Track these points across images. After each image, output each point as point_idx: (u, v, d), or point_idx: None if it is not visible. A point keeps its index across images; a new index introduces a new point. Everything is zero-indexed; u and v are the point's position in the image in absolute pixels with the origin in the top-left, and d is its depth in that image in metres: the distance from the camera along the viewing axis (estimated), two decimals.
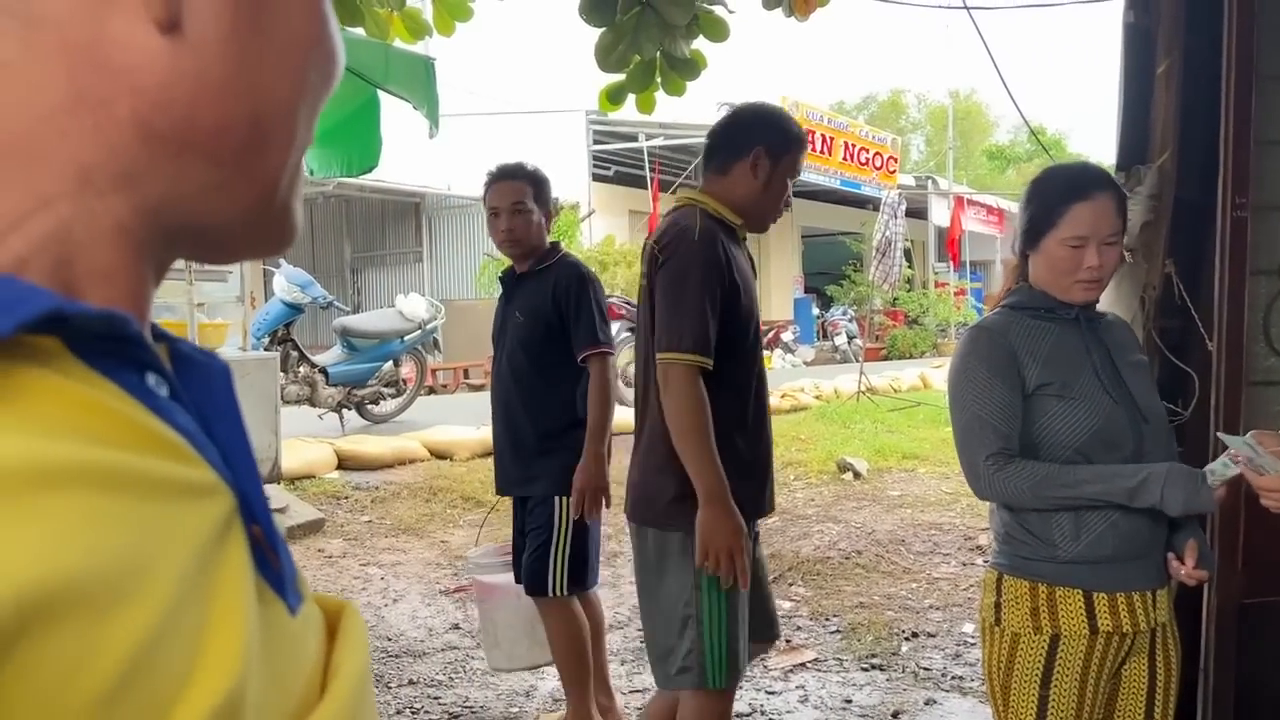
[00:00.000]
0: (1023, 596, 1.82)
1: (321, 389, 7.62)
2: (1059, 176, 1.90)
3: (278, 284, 7.66)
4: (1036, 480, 1.75)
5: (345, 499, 5.85)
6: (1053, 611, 1.79)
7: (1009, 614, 1.83)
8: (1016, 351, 1.82)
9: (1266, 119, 2.47)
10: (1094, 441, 1.77)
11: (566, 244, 14.27)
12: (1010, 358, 1.82)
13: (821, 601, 4.42)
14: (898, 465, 7.07)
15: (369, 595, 4.44)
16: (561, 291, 3.03)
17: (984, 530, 5.34)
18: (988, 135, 45.88)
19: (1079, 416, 1.78)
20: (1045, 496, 1.76)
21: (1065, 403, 1.79)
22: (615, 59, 4.53)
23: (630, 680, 3.64)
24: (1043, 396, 1.80)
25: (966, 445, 1.82)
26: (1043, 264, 1.86)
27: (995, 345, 1.84)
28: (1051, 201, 1.84)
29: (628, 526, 2.38)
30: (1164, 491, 1.70)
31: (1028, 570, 1.82)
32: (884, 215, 10.38)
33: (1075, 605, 1.78)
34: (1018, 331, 1.84)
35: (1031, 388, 1.81)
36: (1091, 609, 1.78)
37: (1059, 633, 1.79)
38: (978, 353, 1.85)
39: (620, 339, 9.32)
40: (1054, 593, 1.79)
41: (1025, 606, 1.81)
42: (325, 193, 18.82)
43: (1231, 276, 2.45)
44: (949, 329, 23.24)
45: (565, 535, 2.99)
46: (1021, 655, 1.81)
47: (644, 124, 17.44)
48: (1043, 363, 1.81)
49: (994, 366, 1.81)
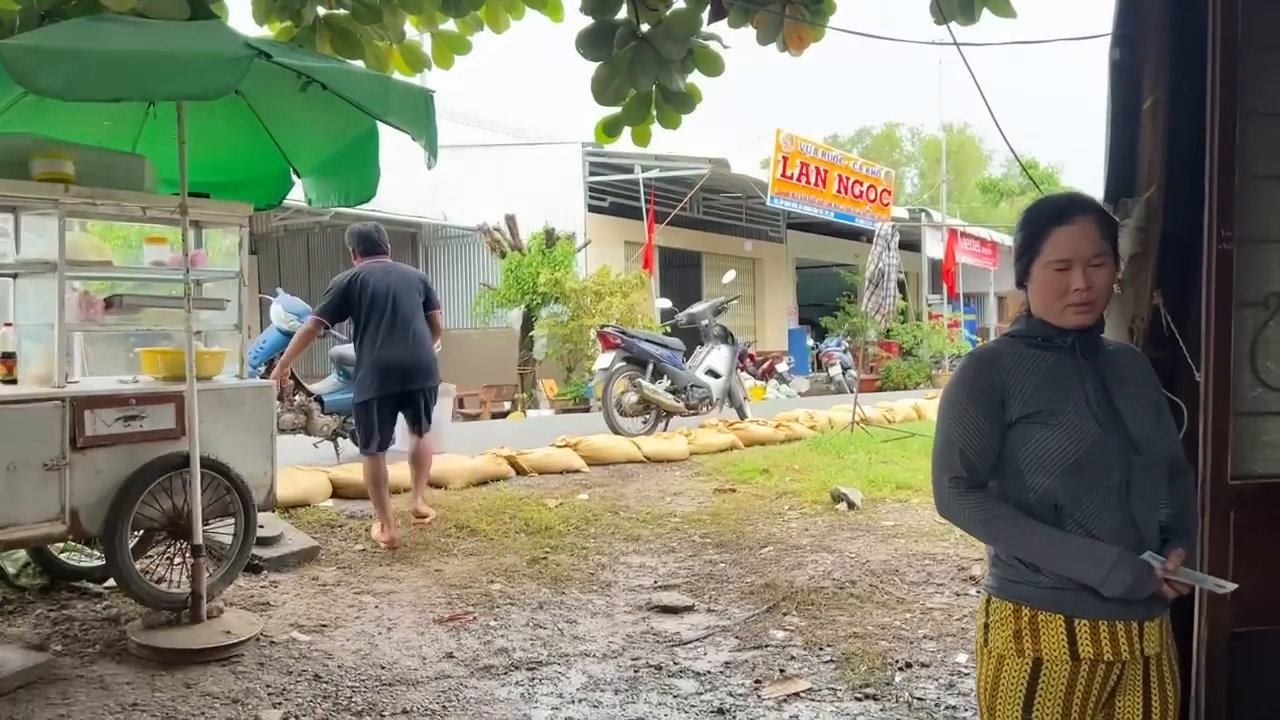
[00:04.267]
0: (1007, 619, 1.85)
1: (317, 417, 7.62)
2: (1043, 204, 1.94)
3: (274, 312, 7.69)
4: (990, 516, 1.83)
5: (340, 527, 5.84)
6: (1034, 635, 1.82)
7: (995, 635, 1.87)
8: (1006, 380, 1.86)
9: (1251, 153, 2.51)
10: (1076, 469, 1.80)
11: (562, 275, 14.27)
12: (993, 388, 1.86)
13: (815, 631, 4.41)
14: (891, 496, 7.08)
15: (362, 624, 4.43)
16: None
17: (978, 561, 5.35)
18: (981, 169, 46.26)
19: (1061, 443, 1.80)
20: (994, 534, 1.85)
21: (1049, 430, 1.82)
22: (612, 92, 4.60)
23: (624, 710, 3.64)
24: (1027, 424, 1.84)
25: (935, 465, 1.91)
26: (1035, 291, 1.90)
27: (981, 375, 1.89)
28: (1035, 228, 1.89)
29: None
30: (1110, 573, 1.74)
31: (1012, 593, 1.86)
32: (877, 247, 10.45)
33: (1057, 630, 1.80)
34: (1011, 359, 1.88)
35: (1016, 416, 1.85)
36: (1073, 634, 1.80)
37: (1040, 657, 1.81)
38: (963, 380, 1.91)
39: (614, 368, 9.35)
40: (1036, 616, 1.82)
41: (1009, 629, 1.84)
42: (323, 223, 18.90)
43: (1218, 308, 2.48)
44: (943, 360, 23.30)
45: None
46: (1005, 677, 1.84)
47: (639, 156, 17.57)
48: (1032, 390, 1.85)
49: (975, 395, 1.87)
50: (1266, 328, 2.57)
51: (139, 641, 3.93)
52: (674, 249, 20.12)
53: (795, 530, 6.16)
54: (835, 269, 24.65)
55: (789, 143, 18.02)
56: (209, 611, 4.11)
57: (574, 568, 5.38)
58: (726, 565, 5.46)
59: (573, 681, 3.89)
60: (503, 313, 16.90)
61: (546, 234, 16.47)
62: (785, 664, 4.07)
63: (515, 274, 16.27)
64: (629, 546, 5.87)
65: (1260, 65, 2.52)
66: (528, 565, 5.37)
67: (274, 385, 4.80)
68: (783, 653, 4.19)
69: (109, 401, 3.98)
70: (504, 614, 4.63)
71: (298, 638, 4.23)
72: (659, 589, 5.06)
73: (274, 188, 5.06)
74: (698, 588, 5.09)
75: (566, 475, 7.62)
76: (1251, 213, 2.52)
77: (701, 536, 6.06)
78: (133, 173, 4.23)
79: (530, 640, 4.32)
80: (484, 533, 5.92)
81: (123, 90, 3.55)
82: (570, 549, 5.72)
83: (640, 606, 4.79)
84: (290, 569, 5.11)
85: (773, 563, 5.47)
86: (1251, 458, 2.55)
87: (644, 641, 4.34)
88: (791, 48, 4.60)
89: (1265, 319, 2.58)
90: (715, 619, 4.63)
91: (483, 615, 4.60)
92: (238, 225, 4.53)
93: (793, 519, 6.46)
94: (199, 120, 4.19)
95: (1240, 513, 2.50)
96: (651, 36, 4.34)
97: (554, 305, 16.16)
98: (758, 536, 6.02)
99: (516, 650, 4.19)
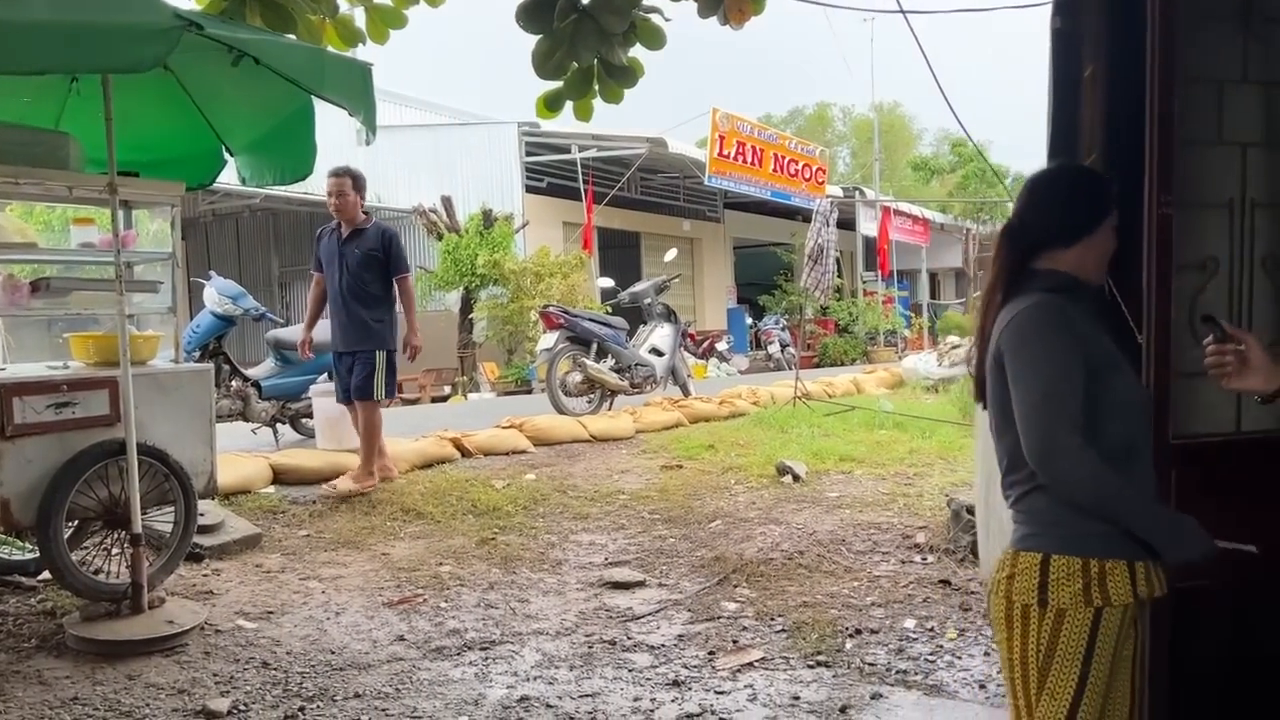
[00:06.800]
0: (1075, 574, 1.83)
1: (254, 403, 7.45)
2: (1090, 172, 2.14)
3: (208, 296, 7.48)
4: (1100, 472, 1.80)
5: (282, 513, 5.73)
6: (1102, 585, 1.82)
7: (1058, 592, 1.83)
8: (1081, 328, 1.89)
9: (1187, 119, 2.57)
10: (1144, 410, 1.91)
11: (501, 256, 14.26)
12: (1079, 337, 1.87)
13: (766, 602, 4.45)
14: (835, 468, 7.16)
15: (310, 609, 4.35)
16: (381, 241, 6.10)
17: (922, 529, 5.44)
18: (911, 148, 46.82)
19: (1133, 386, 1.91)
20: (1102, 496, 1.81)
21: (1122, 374, 1.90)
22: (553, 66, 4.54)
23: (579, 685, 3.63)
24: (1107, 371, 1.88)
25: (1047, 421, 1.81)
26: (1094, 248, 1.99)
27: (1068, 324, 1.88)
28: (1110, 190, 2.02)
29: None
30: (1184, 547, 1.81)
31: (1081, 548, 1.84)
32: (816, 223, 10.53)
33: (1122, 576, 1.83)
34: (1071, 310, 1.91)
35: (1096, 364, 1.87)
36: (1134, 578, 1.84)
37: (1103, 606, 1.82)
38: (1054, 329, 1.87)
39: (558, 348, 9.30)
40: (1104, 566, 1.83)
41: (1077, 583, 1.82)
42: (252, 206, 18.48)
43: (1159, 272, 2.53)
44: (878, 336, 23.66)
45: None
46: (1067, 633, 1.83)
47: (577, 136, 17.47)
48: (1097, 337, 1.90)
49: (1071, 345, 1.85)
50: (1204, 290, 2.65)
51: (78, 634, 3.81)
52: (612, 229, 20.07)
53: (742, 504, 6.21)
54: (772, 248, 24.82)
55: (725, 122, 18.06)
56: (150, 602, 4.01)
57: (524, 547, 5.35)
58: (676, 540, 5.48)
59: (527, 660, 3.87)
60: (441, 295, 16.69)
61: (484, 215, 16.29)
62: (738, 635, 4.09)
63: (453, 256, 16.08)
64: (578, 525, 5.86)
65: (1196, 31, 2.57)
66: (477, 546, 5.32)
67: (211, 370, 4.68)
68: (735, 624, 4.22)
69: (39, 388, 3.84)
70: (455, 595, 4.58)
71: (244, 625, 4.14)
72: (610, 565, 5.06)
73: (205, 166, 4.91)
74: (648, 563, 5.10)
75: (513, 456, 7.57)
76: (1190, 178, 2.58)
77: (650, 513, 6.08)
78: (57, 151, 4.06)
79: (482, 620, 4.29)
80: (431, 515, 5.86)
81: (44, 63, 3.39)
82: (519, 529, 5.69)
83: (592, 583, 4.79)
84: (233, 556, 5.00)
85: (721, 536, 5.50)
86: (1191, 418, 2.62)
87: (597, 618, 4.34)
88: (733, 20, 4.57)
89: (1203, 282, 2.66)
90: (667, 593, 4.65)
91: (433, 597, 4.55)
92: (169, 205, 4.39)
93: (740, 493, 6.51)
94: (126, 96, 4.04)
95: (1181, 471, 2.57)
96: (593, 9, 4.29)
97: (493, 287, 16.02)
98: (706, 511, 6.05)
99: (469, 631, 4.16)
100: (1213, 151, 2.66)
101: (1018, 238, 2.03)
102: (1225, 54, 2.66)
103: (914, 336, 25.44)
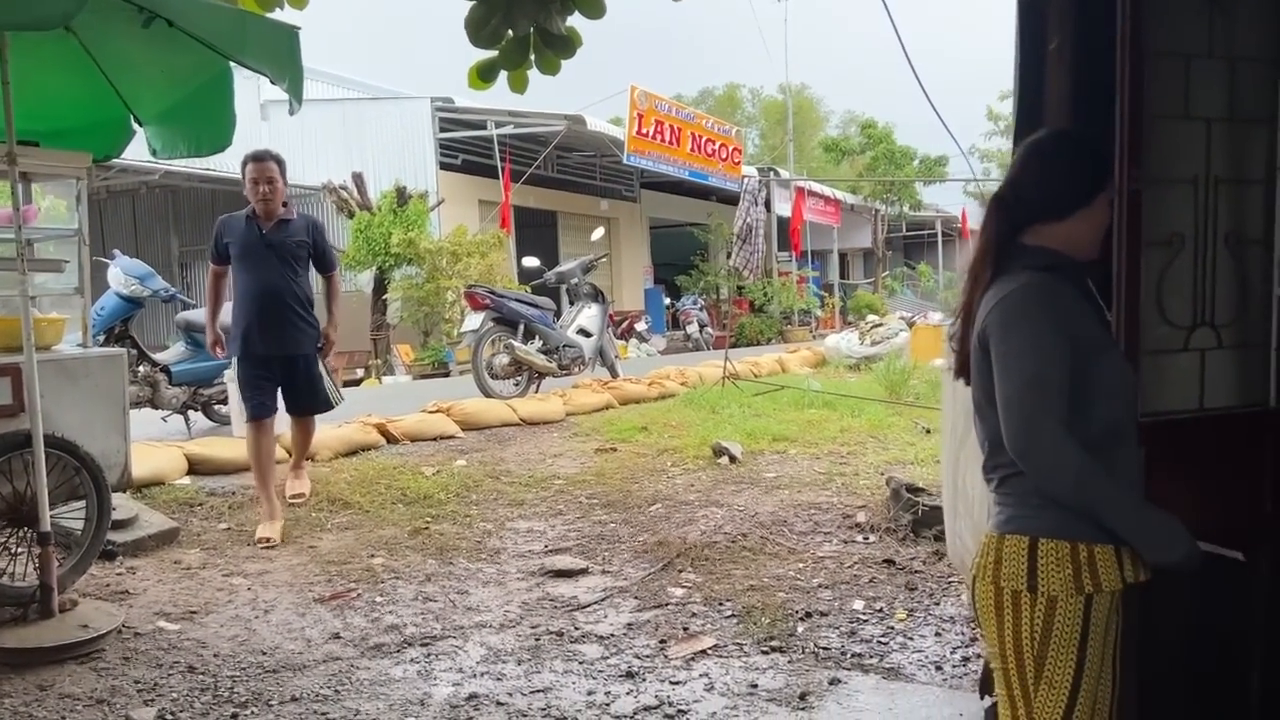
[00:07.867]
0: (1064, 559, 1.78)
1: (164, 389, 7.07)
2: (1090, 140, 2.00)
3: (112, 276, 7.04)
4: (1082, 467, 1.73)
5: (200, 506, 5.43)
6: (1092, 570, 1.79)
7: (1048, 578, 1.79)
8: (1071, 310, 1.81)
9: (1155, 94, 2.54)
10: (1130, 392, 1.82)
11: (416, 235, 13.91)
12: (1069, 319, 1.80)
13: (713, 586, 4.38)
14: (770, 448, 7.14)
15: (236, 608, 4.12)
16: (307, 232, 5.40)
17: (861, 508, 5.44)
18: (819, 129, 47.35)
19: (1122, 369, 1.82)
20: (1084, 492, 1.75)
21: (1112, 355, 1.81)
22: (488, 34, 4.33)
23: (529, 680, 3.50)
24: (1096, 353, 1.80)
25: (1029, 406, 1.75)
26: (1089, 222, 1.89)
27: (1058, 305, 1.80)
28: (1109, 161, 1.93)
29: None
30: (1174, 545, 1.76)
31: (1071, 532, 1.79)
32: (745, 201, 10.48)
33: (1110, 560, 1.79)
34: (1063, 289, 1.83)
35: (1085, 346, 1.79)
36: (1121, 561, 1.80)
37: (1093, 591, 1.78)
38: (1043, 310, 1.80)
39: (484, 330, 9.08)
40: (1093, 550, 1.79)
41: (1067, 568, 1.78)
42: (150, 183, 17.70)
43: (1128, 248, 2.50)
44: (792, 316, 23.92)
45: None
46: (1060, 619, 1.78)
47: (492, 112, 17.13)
48: (1086, 318, 1.82)
49: (1058, 327, 1.78)
50: (1171, 266, 2.63)
51: None
52: (529, 208, 19.78)
53: (681, 486, 6.13)
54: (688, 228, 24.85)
55: (643, 100, 17.91)
56: (61, 605, 3.73)
57: (459, 536, 5.18)
58: (616, 525, 5.37)
59: (472, 655, 3.72)
60: (352, 275, 16.19)
61: (398, 192, 15.84)
62: (688, 621, 4.01)
63: (365, 234, 15.60)
64: (514, 511, 5.70)
65: (1164, 3, 2.54)
66: (410, 537, 5.13)
67: (124, 354, 4.38)
68: (684, 610, 4.13)
69: None
70: (390, 589, 4.39)
71: (165, 627, 3.89)
72: (550, 553, 4.92)
73: (112, 137, 4.57)
74: (590, 549, 4.97)
75: (441, 441, 7.35)
76: (1158, 153, 2.55)
77: (588, 497, 5.95)
78: None
79: (421, 615, 4.11)
80: (359, 505, 5.63)
81: None
82: (453, 517, 5.51)
83: (533, 572, 4.65)
84: (149, 553, 4.71)
85: (663, 520, 5.41)
86: (1158, 395, 2.61)
87: (541, 608, 4.20)
88: None
89: (1170, 258, 2.64)
90: (611, 580, 4.53)
91: (367, 592, 4.35)
92: (74, 178, 4.08)
93: (677, 475, 6.43)
94: (22, 59, 3.71)
95: (1148, 448, 2.56)
96: None
97: (408, 267, 15.61)
98: (644, 494, 5.95)
99: (408, 626, 3.98)
100: (1179, 127, 2.63)
101: (1010, 208, 1.95)
102: (1192, 28, 2.64)
103: (826, 316, 25.82)
